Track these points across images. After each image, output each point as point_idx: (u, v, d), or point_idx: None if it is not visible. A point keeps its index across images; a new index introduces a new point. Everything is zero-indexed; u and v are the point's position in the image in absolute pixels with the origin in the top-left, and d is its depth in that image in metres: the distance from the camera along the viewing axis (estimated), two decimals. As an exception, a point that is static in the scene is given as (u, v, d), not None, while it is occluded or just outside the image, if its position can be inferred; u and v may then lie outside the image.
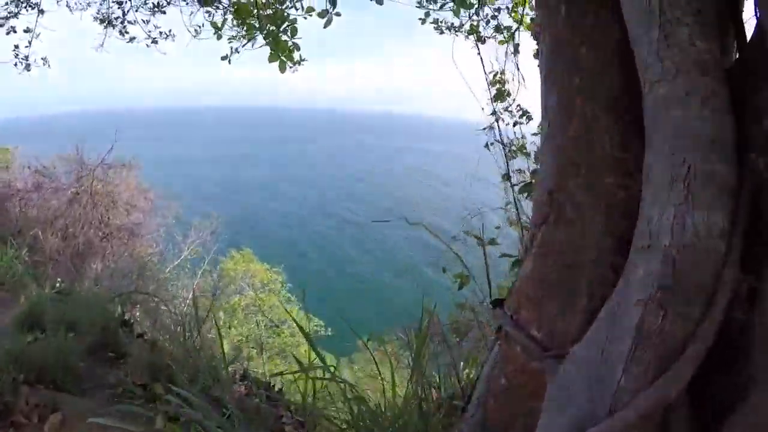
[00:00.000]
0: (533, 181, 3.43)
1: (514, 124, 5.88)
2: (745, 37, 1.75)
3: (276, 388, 5.29)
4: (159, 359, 3.65)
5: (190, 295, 16.55)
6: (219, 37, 5.68)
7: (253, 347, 22.97)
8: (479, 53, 5.77)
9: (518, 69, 5.71)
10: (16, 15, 7.44)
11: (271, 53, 3.81)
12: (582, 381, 1.68)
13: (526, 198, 5.26)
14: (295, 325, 23.74)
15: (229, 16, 6.03)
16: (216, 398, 3.52)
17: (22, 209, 9.99)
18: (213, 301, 19.30)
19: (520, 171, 5.87)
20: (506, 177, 5.87)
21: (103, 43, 7.91)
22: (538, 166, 3.56)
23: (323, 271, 46.81)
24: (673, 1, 1.55)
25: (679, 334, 1.50)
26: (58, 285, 7.48)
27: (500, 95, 5.77)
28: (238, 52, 5.56)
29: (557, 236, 1.88)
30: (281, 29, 3.74)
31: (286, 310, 22.52)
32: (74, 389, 3.54)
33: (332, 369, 4.05)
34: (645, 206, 1.64)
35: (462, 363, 5.49)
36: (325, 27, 3.68)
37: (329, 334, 23.82)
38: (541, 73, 2.12)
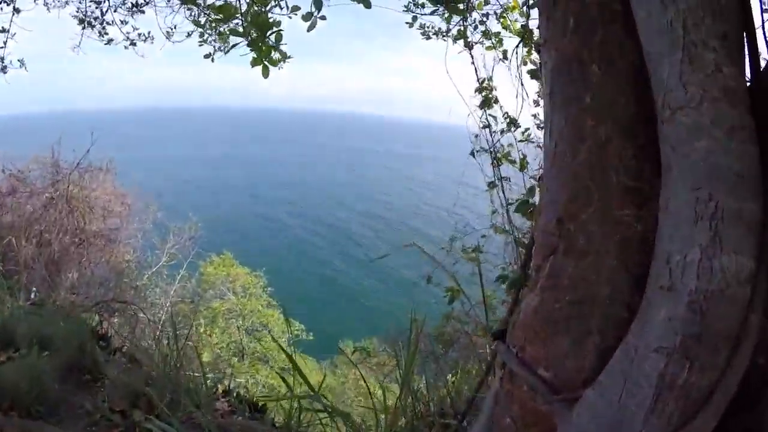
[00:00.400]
0: (529, 200, 3.31)
1: (501, 132, 5.78)
2: (758, 58, 1.63)
3: (260, 403, 5.13)
4: (137, 382, 3.49)
5: (169, 302, 16.38)
6: (203, 42, 5.54)
7: (234, 354, 22.79)
8: (472, 60, 5.69)
9: (521, 79, 5.64)
10: (-9, 14, 7.25)
11: (254, 58, 3.67)
12: (597, 429, 1.57)
13: (522, 216, 5.22)
14: (276, 329, 23.68)
15: (209, 17, 5.92)
16: (197, 424, 3.39)
17: (-6, 217, 9.72)
18: (193, 306, 19.15)
19: (506, 179, 5.80)
20: (492, 185, 5.80)
21: (80, 43, 7.73)
22: (537, 185, 3.48)
23: (303, 274, 46.69)
24: (697, 21, 1.43)
25: (704, 383, 1.40)
26: (32, 296, 7.27)
27: (487, 102, 5.68)
28: (222, 51, 5.45)
29: (567, 269, 1.74)
30: (266, 35, 3.58)
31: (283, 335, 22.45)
32: (49, 417, 3.37)
33: (318, 389, 3.94)
34: (663, 242, 1.52)
35: (450, 375, 5.41)
36: (308, 30, 3.54)
37: (310, 338, 23.73)
38: (544, 88, 2.00)
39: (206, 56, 5.36)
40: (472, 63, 5.79)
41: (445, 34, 6.10)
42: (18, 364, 3.96)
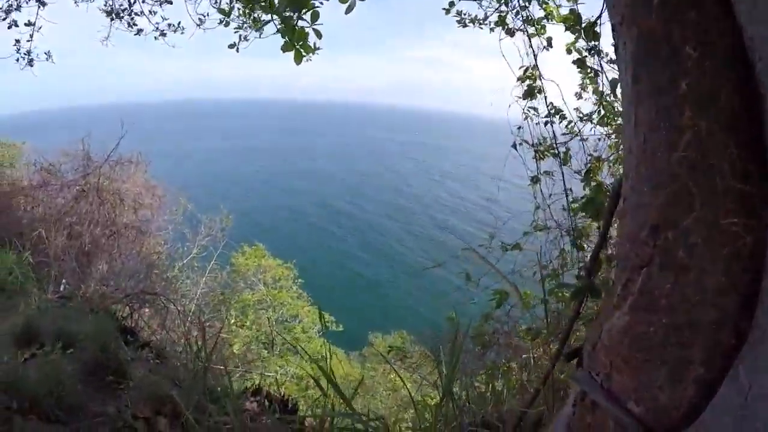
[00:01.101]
0: (596, 198, 2.98)
1: (546, 124, 5.45)
2: None
3: (290, 402, 4.91)
4: (163, 385, 3.27)
5: (199, 293, 16.32)
6: (226, 24, 5.36)
7: (265, 346, 22.78)
8: (528, 44, 5.34)
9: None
10: (18, 8, 7.17)
11: (285, 42, 3.39)
12: (699, 478, 1.28)
13: (584, 217, 4.91)
14: (306, 320, 23.64)
15: (237, 4, 5.73)
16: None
17: (26, 209, 9.65)
18: (223, 298, 19.09)
19: (549, 173, 5.48)
20: (535, 179, 5.48)
21: (108, 35, 7.64)
22: (613, 182, 3.18)
23: (332, 266, 46.64)
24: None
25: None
26: (62, 288, 7.16)
27: (531, 92, 5.35)
28: (247, 40, 5.26)
29: (664, 286, 1.41)
30: (301, 14, 3.30)
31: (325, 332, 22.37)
32: (69, 421, 3.18)
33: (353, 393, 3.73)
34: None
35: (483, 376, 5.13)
36: (346, 13, 3.25)
37: (340, 329, 23.69)
38: (622, 72, 1.67)
39: (230, 46, 5.15)
40: (527, 47, 5.45)
41: (482, 21, 5.79)
42: (41, 362, 3.80)
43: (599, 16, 4.72)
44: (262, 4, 4.12)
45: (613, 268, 2.02)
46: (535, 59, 5.34)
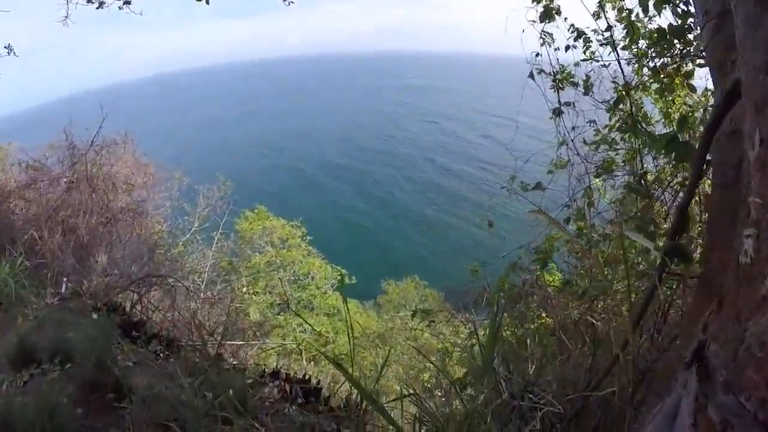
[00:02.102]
0: (679, 137, 2.47)
1: (567, 48, 4.97)
2: None
3: (313, 381, 4.60)
4: (168, 400, 2.94)
5: (208, 266, 16.07)
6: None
7: (280, 310, 22.71)
8: None
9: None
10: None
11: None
12: None
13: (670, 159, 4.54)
14: (319, 276, 23.53)
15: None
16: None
17: (15, 212, 9.26)
18: (231, 267, 18.88)
19: (569, 104, 5.05)
20: (557, 112, 5.04)
21: (67, 13, 7.11)
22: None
23: (337, 221, 46.35)
24: None
25: None
26: (63, 288, 6.83)
27: (548, 13, 4.82)
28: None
29: None
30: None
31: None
32: (69, 454, 2.88)
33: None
34: None
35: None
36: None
37: (353, 282, 23.61)
38: None
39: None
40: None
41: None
42: (39, 385, 3.51)
43: None
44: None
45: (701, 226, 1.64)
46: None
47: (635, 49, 4.57)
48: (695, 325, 1.41)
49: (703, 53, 3.45)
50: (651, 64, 4.44)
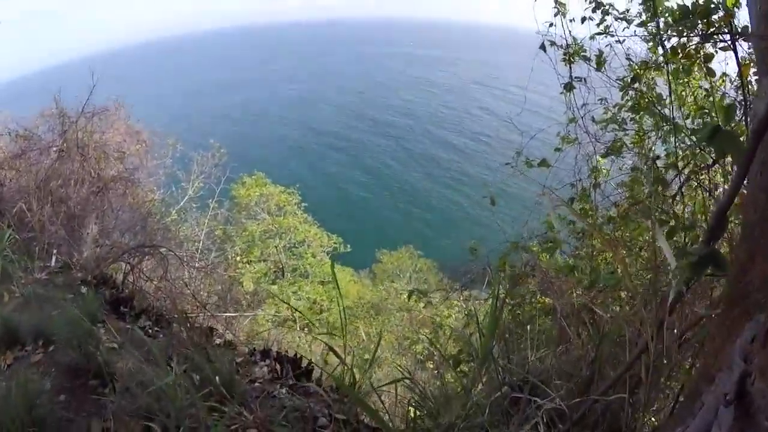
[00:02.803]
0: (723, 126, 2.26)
1: (584, 20, 4.76)
2: None
3: (304, 361, 4.46)
4: (147, 400, 2.78)
5: (203, 233, 15.92)
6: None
7: (275, 271, 22.69)
8: None
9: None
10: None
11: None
12: None
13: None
14: (315, 243, 23.52)
15: None
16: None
17: (3, 183, 9.02)
18: (225, 236, 18.76)
19: (579, 79, 4.85)
20: (569, 87, 4.84)
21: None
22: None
23: (331, 190, 46.09)
24: None
25: None
26: (54, 260, 6.66)
27: None
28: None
29: None
30: None
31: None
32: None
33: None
34: None
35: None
36: None
37: (348, 250, 23.59)
38: None
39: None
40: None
41: None
42: (22, 369, 3.38)
43: None
44: None
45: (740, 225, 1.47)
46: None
47: (654, 26, 4.35)
48: (724, 345, 1.27)
49: (732, 37, 3.28)
50: (668, 44, 4.24)
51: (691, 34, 3.80)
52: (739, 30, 3.39)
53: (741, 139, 1.62)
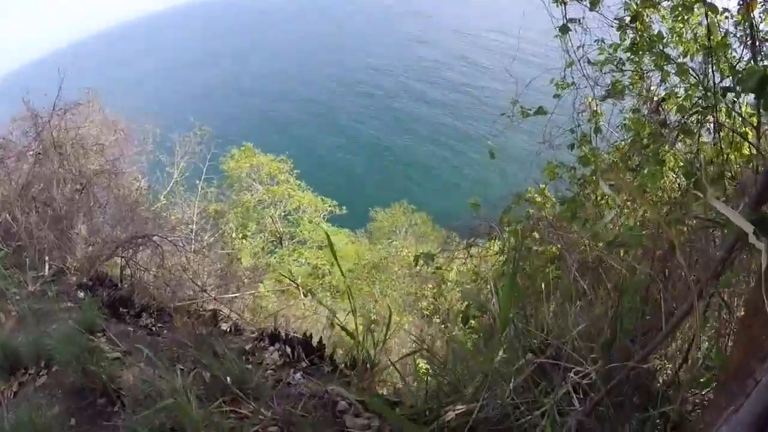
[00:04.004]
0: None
1: None
2: None
3: (314, 339, 4.36)
4: (161, 394, 2.67)
5: (195, 212, 15.71)
6: None
7: (273, 241, 22.62)
8: None
9: None
10: None
11: None
12: None
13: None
14: (310, 210, 23.41)
15: None
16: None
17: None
18: (218, 212, 18.56)
19: (574, 20, 4.63)
20: (564, 29, 4.62)
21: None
22: None
23: (315, 156, 45.38)
24: None
25: None
26: (47, 269, 6.50)
27: None
28: None
29: None
30: None
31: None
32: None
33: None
34: None
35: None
36: None
37: (343, 211, 23.49)
38: None
39: None
40: None
41: None
42: (26, 395, 3.27)
43: None
44: None
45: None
46: None
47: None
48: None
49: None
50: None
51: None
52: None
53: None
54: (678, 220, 2.59)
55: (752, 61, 3.24)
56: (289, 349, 4.12)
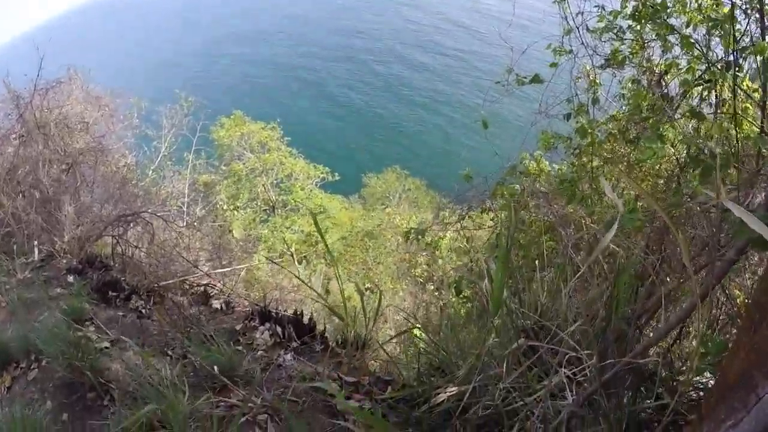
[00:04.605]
0: None
1: None
2: None
3: (305, 317, 4.30)
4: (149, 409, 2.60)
5: (186, 187, 15.57)
6: None
7: (264, 210, 22.54)
8: None
9: None
10: None
11: None
12: None
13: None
14: (303, 176, 23.28)
15: None
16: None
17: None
18: (209, 184, 18.44)
19: None
20: None
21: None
22: None
23: (303, 124, 44.56)
24: None
25: None
26: (36, 253, 6.39)
27: None
28: None
29: None
30: None
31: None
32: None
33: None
34: None
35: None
36: None
37: (336, 178, 23.34)
38: None
39: None
40: None
41: None
42: (20, 389, 3.22)
43: None
44: None
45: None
46: None
47: None
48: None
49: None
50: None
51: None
52: None
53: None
54: (677, 204, 2.51)
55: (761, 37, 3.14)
56: (279, 329, 4.07)
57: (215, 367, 3.01)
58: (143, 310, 4.83)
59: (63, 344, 3.17)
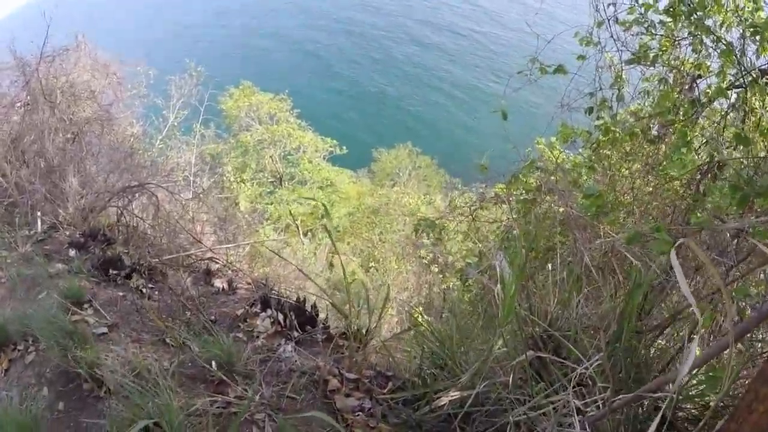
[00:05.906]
0: None
1: None
2: None
3: (307, 304, 4.22)
4: (144, 403, 2.52)
5: (194, 157, 15.43)
6: None
7: (272, 181, 22.43)
8: None
9: None
10: None
11: None
12: None
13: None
14: (310, 149, 23.08)
15: None
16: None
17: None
18: (216, 157, 18.29)
19: None
20: None
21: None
22: None
23: (311, 98, 43.93)
24: None
25: None
26: (39, 225, 6.32)
27: None
28: None
29: None
30: None
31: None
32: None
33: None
34: None
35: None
36: None
37: (344, 151, 23.11)
38: None
39: None
40: None
41: None
42: (17, 372, 3.16)
43: None
44: None
45: None
46: None
47: None
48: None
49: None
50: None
51: None
52: None
53: None
54: (704, 225, 2.38)
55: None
56: (281, 317, 3.98)
57: (213, 363, 2.94)
58: (143, 290, 4.74)
59: (59, 333, 3.09)
